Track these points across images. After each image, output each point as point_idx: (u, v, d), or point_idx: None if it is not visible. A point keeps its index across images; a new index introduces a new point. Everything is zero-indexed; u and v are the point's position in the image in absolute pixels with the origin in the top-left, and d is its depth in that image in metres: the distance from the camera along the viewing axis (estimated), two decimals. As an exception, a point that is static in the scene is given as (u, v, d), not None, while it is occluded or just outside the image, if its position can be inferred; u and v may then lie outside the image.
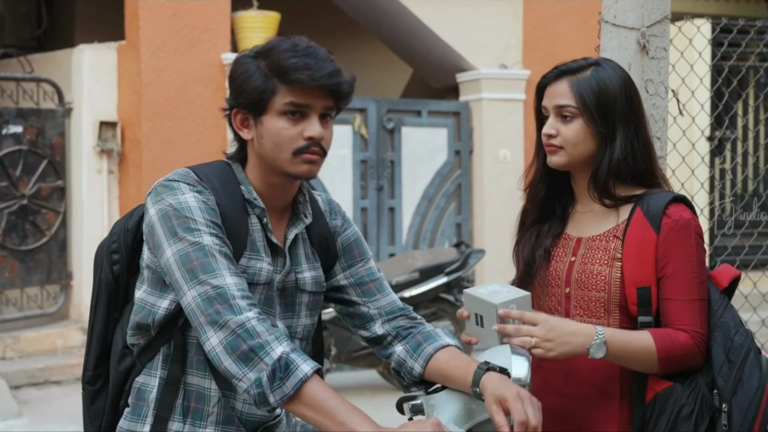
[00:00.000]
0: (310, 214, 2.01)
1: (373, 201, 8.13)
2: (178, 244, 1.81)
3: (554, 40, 8.55)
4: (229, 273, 1.79)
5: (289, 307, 1.98)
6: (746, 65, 4.60)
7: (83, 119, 7.46)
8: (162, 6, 7.30)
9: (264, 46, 1.89)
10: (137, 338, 1.92)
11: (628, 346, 2.00)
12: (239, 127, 1.92)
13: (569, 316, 2.13)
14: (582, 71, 2.14)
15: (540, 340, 1.94)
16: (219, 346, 1.74)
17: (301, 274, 1.98)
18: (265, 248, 1.92)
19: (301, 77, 1.82)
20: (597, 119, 2.10)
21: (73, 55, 7.60)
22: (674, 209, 2.07)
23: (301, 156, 1.87)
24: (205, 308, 1.76)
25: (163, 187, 1.87)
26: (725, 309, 2.06)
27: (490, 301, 1.97)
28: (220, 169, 1.95)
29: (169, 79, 7.31)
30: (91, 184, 7.47)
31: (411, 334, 2.05)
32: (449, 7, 8.22)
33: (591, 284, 2.10)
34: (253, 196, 1.92)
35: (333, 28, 10.19)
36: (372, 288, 2.08)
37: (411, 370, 2.01)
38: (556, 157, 2.13)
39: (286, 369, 1.71)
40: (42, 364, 6.84)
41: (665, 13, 2.69)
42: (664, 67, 2.68)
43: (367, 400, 6.15)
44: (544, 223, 2.22)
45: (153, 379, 1.91)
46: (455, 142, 8.45)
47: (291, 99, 1.85)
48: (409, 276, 6.31)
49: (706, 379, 2.02)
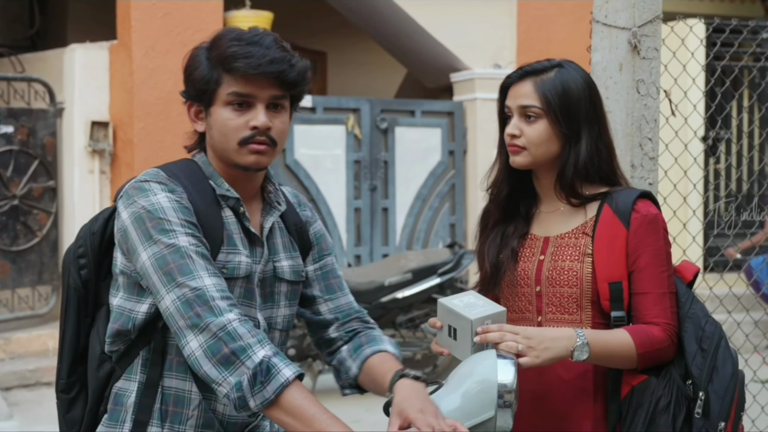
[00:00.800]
0: (284, 202, 2.00)
1: (367, 201, 8.11)
2: (154, 247, 1.77)
3: (548, 39, 8.54)
4: (207, 274, 1.76)
5: (269, 297, 1.96)
6: (739, 65, 4.58)
7: (75, 119, 7.42)
8: (154, 6, 7.27)
9: (214, 36, 1.89)
10: (116, 345, 1.89)
11: (608, 345, 2.02)
12: (193, 119, 1.92)
13: (541, 314, 2.14)
14: (546, 72, 2.15)
15: (525, 347, 1.93)
16: (198, 350, 1.71)
17: (279, 262, 1.97)
18: (242, 240, 1.90)
19: (239, 65, 1.81)
20: (561, 120, 2.11)
21: (64, 54, 7.56)
22: (642, 204, 2.11)
23: (247, 146, 1.85)
24: (184, 311, 1.73)
25: (134, 189, 1.84)
26: (693, 301, 2.10)
27: (465, 316, 1.95)
28: (187, 166, 1.92)
29: (161, 79, 7.28)
30: (83, 185, 7.43)
31: (357, 336, 2.05)
32: (443, 7, 8.21)
33: (563, 280, 2.12)
34: (225, 188, 1.90)
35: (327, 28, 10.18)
36: (334, 285, 2.08)
37: (348, 369, 2.01)
38: (519, 157, 2.14)
39: (268, 373, 1.69)
40: (33, 365, 6.79)
41: (657, 12, 2.68)
42: (655, 67, 2.67)
43: (358, 401, 6.07)
44: (508, 224, 2.23)
45: (132, 383, 1.88)
46: (449, 143, 8.43)
47: (234, 89, 1.83)
48: (402, 277, 6.29)
49: (678, 370, 2.05)
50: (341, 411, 1.76)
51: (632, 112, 2.63)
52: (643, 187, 2.58)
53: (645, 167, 2.65)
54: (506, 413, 1.78)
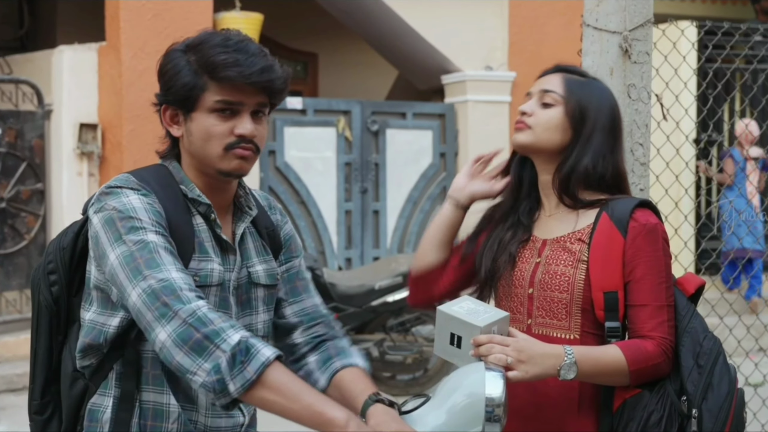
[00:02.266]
0: (255, 206, 1.96)
1: (358, 204, 8.07)
2: (122, 246, 1.73)
3: (540, 41, 8.52)
4: (175, 268, 1.71)
5: (246, 304, 1.92)
6: (732, 67, 4.56)
7: (63, 121, 7.37)
8: (143, 7, 7.22)
9: (194, 40, 1.84)
10: (88, 359, 1.83)
11: (598, 363, 1.97)
12: (169, 123, 1.86)
13: (531, 317, 2.10)
14: (580, 75, 2.17)
15: (515, 360, 1.89)
16: (168, 340, 1.64)
17: (252, 268, 1.92)
18: (213, 248, 1.85)
19: (230, 74, 1.77)
20: (577, 115, 2.09)
21: (52, 56, 7.51)
22: (641, 214, 2.06)
23: (232, 151, 1.81)
24: (151, 303, 1.67)
25: (105, 195, 1.80)
26: (692, 315, 2.05)
27: (473, 323, 1.90)
28: (158, 171, 1.87)
29: (150, 80, 7.11)
30: (72, 187, 7.38)
31: (324, 345, 1.99)
32: (434, 9, 8.18)
33: (554, 285, 2.08)
34: (196, 193, 1.86)
35: (317, 29, 10.14)
36: (299, 287, 2.03)
37: (316, 382, 1.94)
38: (522, 135, 2.12)
39: (247, 353, 1.63)
40: (21, 369, 6.73)
41: (648, 16, 2.64)
42: (646, 71, 2.64)
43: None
44: (507, 231, 2.19)
45: (106, 398, 1.83)
46: (440, 145, 8.40)
47: (221, 96, 1.79)
48: (393, 280, 6.25)
49: (674, 385, 2.00)
50: None
51: (623, 117, 2.58)
52: (635, 192, 2.55)
53: (636, 173, 2.62)
54: (494, 427, 1.74)
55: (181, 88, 1.80)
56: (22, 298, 7.44)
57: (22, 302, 7.45)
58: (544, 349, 1.94)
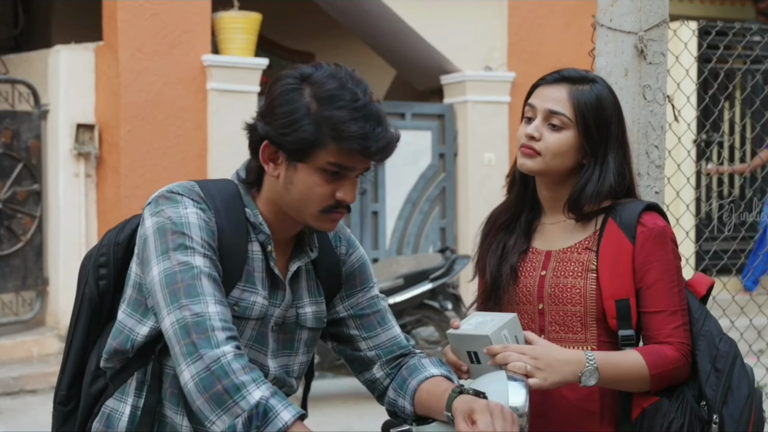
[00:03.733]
0: (316, 248, 1.88)
1: (356, 205, 8.02)
2: (167, 262, 1.68)
3: (539, 42, 8.49)
4: (213, 300, 1.66)
5: (288, 344, 1.85)
6: (741, 68, 4.53)
7: (60, 122, 7.31)
8: (141, 6, 7.16)
9: (315, 81, 1.71)
10: (112, 362, 1.79)
11: (619, 368, 1.93)
12: (266, 160, 1.75)
13: (544, 332, 2.04)
14: (582, 83, 2.05)
15: (533, 367, 1.84)
16: (191, 382, 1.61)
17: (302, 309, 1.86)
18: (263, 280, 1.79)
19: (356, 148, 1.68)
20: (590, 136, 2.01)
21: (49, 56, 7.45)
22: (648, 217, 2.01)
23: (329, 215, 1.75)
24: (182, 337, 1.63)
25: (164, 199, 1.74)
26: (706, 317, 2.01)
27: (481, 334, 1.86)
28: (226, 188, 1.80)
29: (148, 80, 7.18)
30: (68, 188, 7.32)
31: (398, 370, 1.94)
32: (433, 9, 8.14)
33: (566, 298, 2.02)
34: (259, 220, 1.79)
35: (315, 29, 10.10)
36: (373, 321, 1.94)
37: (403, 410, 1.90)
38: (531, 162, 2.03)
39: (264, 417, 1.59)
40: (17, 372, 6.67)
41: (663, 16, 2.60)
42: (662, 72, 2.59)
43: (350, 408, 6.06)
44: (510, 235, 2.13)
45: (124, 405, 1.78)
46: (439, 145, 8.36)
47: (336, 160, 1.70)
48: (394, 282, 6.21)
49: (692, 390, 1.96)
50: (333, 419, 1.69)
51: (638, 119, 2.54)
52: (650, 195, 2.50)
53: (651, 175, 2.57)
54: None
55: (299, 141, 1.69)
56: (18, 300, 7.38)
57: (18, 304, 7.39)
58: (563, 355, 1.90)
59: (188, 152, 7.29)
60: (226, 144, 7.14)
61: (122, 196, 7.11)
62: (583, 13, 8.45)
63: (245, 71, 7.44)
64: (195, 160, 7.31)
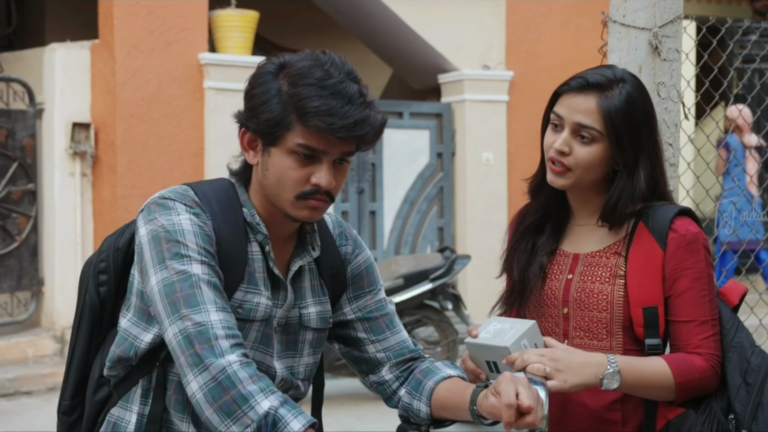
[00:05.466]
0: (318, 246, 1.83)
1: (354, 204, 7.99)
2: (164, 272, 1.64)
3: (537, 41, 8.47)
4: (215, 308, 1.62)
5: (291, 345, 1.81)
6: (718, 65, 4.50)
7: (55, 120, 7.25)
8: (137, 4, 7.11)
9: (292, 63, 1.68)
10: (116, 369, 1.76)
11: (643, 374, 1.86)
12: (246, 147, 1.74)
13: (568, 338, 1.99)
14: (611, 88, 1.95)
15: (552, 369, 1.79)
16: (199, 393, 1.58)
17: (305, 309, 1.82)
18: (264, 280, 1.75)
19: (319, 125, 1.62)
20: (623, 147, 1.93)
21: (44, 54, 7.39)
22: (680, 223, 1.94)
23: (304, 201, 1.69)
24: (186, 348, 1.60)
25: (157, 206, 1.70)
26: (738, 328, 1.94)
27: (500, 345, 1.81)
28: (222, 188, 1.77)
29: (144, 79, 7.13)
30: (64, 188, 7.26)
31: (411, 373, 1.89)
32: (431, 7, 8.10)
33: (592, 304, 1.96)
34: (255, 220, 1.75)
35: (311, 27, 10.05)
36: (381, 324, 1.91)
37: (418, 412, 1.85)
38: (562, 179, 1.96)
39: (274, 427, 1.56)
40: (12, 374, 6.61)
41: (678, 12, 2.56)
42: (676, 69, 2.55)
43: (350, 409, 6.03)
44: (540, 235, 2.06)
45: (130, 413, 1.74)
46: (437, 145, 8.33)
47: (304, 141, 1.65)
48: (393, 282, 6.17)
49: (720, 403, 1.90)
50: (333, 421, 1.66)
51: (652, 116, 2.51)
52: (662, 193, 2.46)
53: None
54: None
55: (266, 121, 1.66)
56: (12, 301, 7.33)
57: (13, 305, 7.33)
58: (584, 357, 1.85)
59: (185, 151, 7.24)
60: (223, 143, 7.09)
61: (118, 196, 7.05)
62: (581, 11, 8.49)
63: (242, 70, 7.39)
64: (192, 159, 7.26)
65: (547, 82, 7.63)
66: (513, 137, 8.36)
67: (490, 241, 7.67)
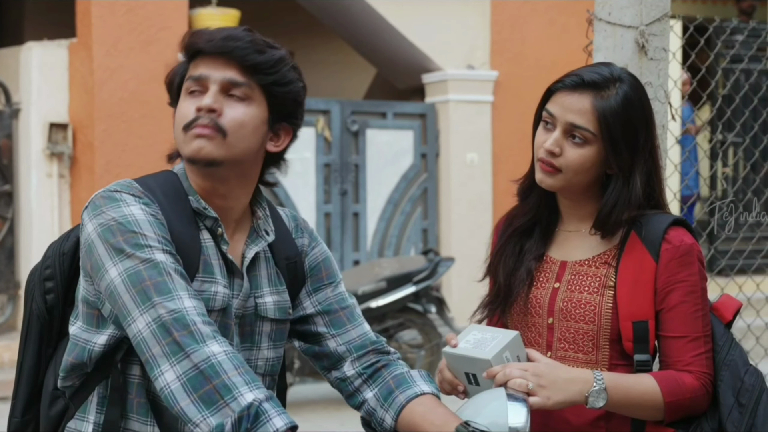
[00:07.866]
0: (272, 231, 1.77)
1: (337, 206, 7.91)
2: (126, 261, 1.55)
3: (522, 40, 8.42)
4: (188, 295, 1.54)
5: (248, 337, 1.73)
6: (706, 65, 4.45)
7: (32, 121, 7.18)
8: (116, 3, 7.04)
9: None
10: (71, 380, 1.66)
11: (630, 392, 1.78)
12: None
13: (551, 349, 1.91)
14: (607, 88, 1.85)
15: (535, 385, 1.70)
16: (176, 383, 1.48)
17: (261, 298, 1.74)
18: (220, 268, 1.67)
19: (192, 40, 1.66)
20: (618, 150, 1.84)
21: (21, 53, 7.31)
22: (674, 234, 1.85)
23: (190, 131, 1.64)
24: (161, 337, 1.50)
25: (103, 199, 1.61)
26: (731, 345, 1.85)
27: (481, 358, 1.73)
28: (166, 179, 1.70)
29: (123, 78, 7.05)
30: (41, 189, 7.18)
31: (381, 376, 1.81)
32: (415, 7, 8.05)
33: (578, 315, 1.87)
34: (202, 205, 1.68)
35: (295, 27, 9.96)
36: (342, 317, 1.83)
37: (381, 421, 1.77)
38: (552, 179, 1.87)
39: (256, 420, 1.47)
40: (-8, 377, 6.52)
41: (665, 10, 2.49)
42: (663, 69, 2.48)
43: (332, 414, 5.96)
44: (527, 239, 1.97)
45: (86, 424, 1.65)
46: (421, 145, 8.26)
47: (189, 74, 1.67)
48: (376, 285, 6.09)
49: (711, 424, 1.81)
50: (315, 426, 1.58)
51: (639, 117, 2.43)
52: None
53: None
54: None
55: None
56: (-11, 304, 7.24)
57: (-10, 308, 7.24)
58: (569, 373, 1.76)
59: (165, 152, 6.95)
60: (204, 144, 7.01)
61: (97, 197, 6.96)
62: (567, 11, 8.44)
63: (223, 69, 7.32)
64: (172, 160, 7.17)
65: (532, 83, 7.59)
66: (498, 138, 8.30)
67: (475, 243, 7.60)
